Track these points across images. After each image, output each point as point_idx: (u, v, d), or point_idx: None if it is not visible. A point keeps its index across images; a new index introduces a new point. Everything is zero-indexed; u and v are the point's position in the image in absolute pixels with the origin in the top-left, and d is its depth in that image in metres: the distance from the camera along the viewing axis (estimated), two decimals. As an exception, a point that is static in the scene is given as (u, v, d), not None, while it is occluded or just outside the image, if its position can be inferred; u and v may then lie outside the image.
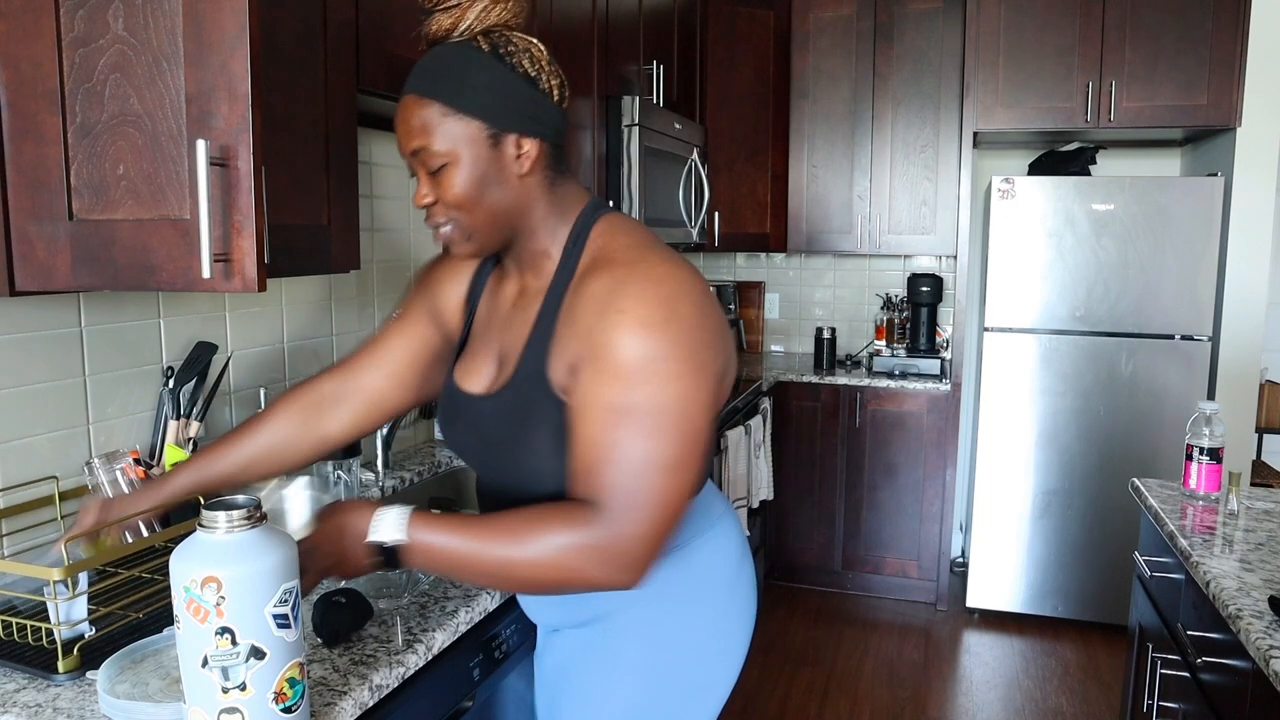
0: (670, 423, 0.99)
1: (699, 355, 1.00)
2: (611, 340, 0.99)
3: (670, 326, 0.99)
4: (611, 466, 0.99)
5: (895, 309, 4.14)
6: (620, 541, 0.99)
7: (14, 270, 1.14)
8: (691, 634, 1.21)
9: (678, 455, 1.00)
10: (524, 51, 1.08)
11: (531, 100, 1.07)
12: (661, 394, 0.98)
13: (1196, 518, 1.83)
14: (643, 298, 1.00)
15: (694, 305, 1.02)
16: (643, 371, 0.98)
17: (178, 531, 1.30)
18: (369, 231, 2.15)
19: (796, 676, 3.19)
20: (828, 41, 3.86)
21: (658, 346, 0.98)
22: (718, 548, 1.23)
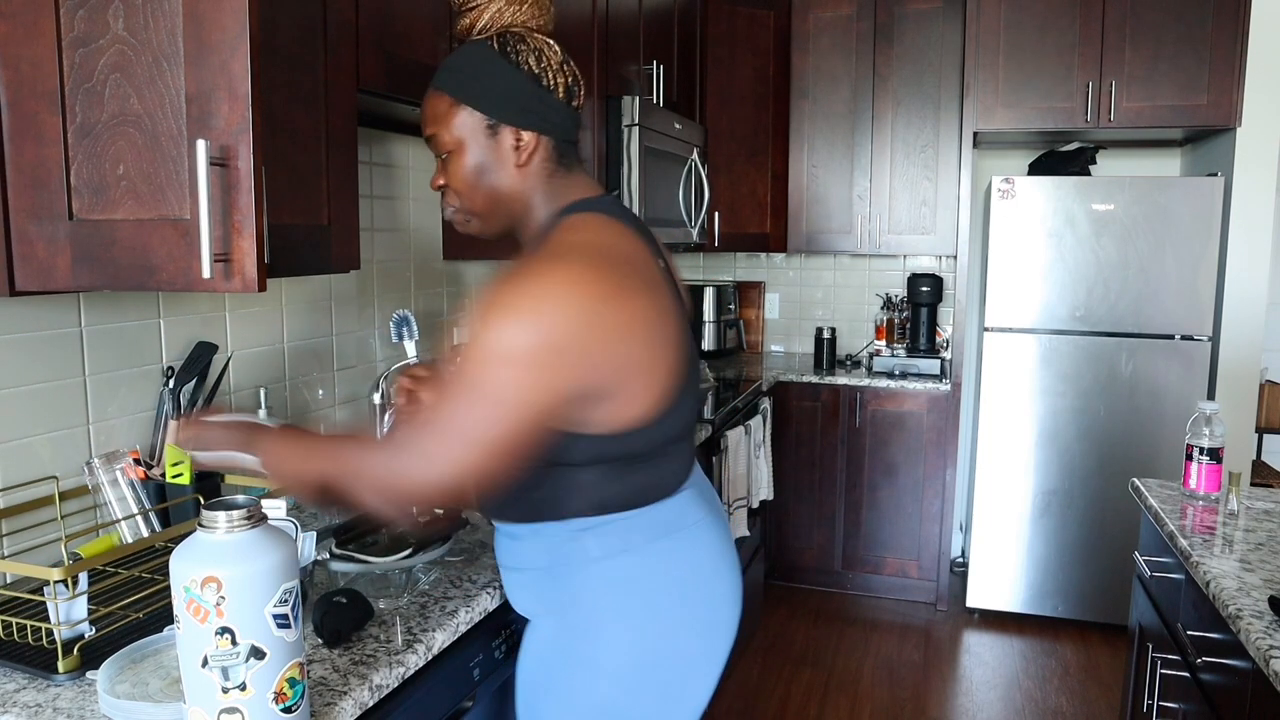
0: (486, 402, 1.02)
1: (541, 355, 1.02)
2: (478, 322, 1.05)
3: (517, 317, 1.02)
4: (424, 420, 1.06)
5: (895, 309, 4.14)
6: (393, 475, 1.05)
7: (14, 270, 1.14)
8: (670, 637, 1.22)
9: (481, 433, 1.03)
10: (533, 51, 1.17)
11: (533, 96, 1.16)
12: (488, 373, 1.02)
13: (1196, 518, 1.83)
14: (519, 290, 1.04)
15: (562, 310, 1.03)
16: (482, 351, 1.03)
17: (178, 531, 1.30)
18: (369, 231, 2.15)
19: (796, 676, 3.19)
20: (828, 41, 3.86)
21: (502, 333, 1.02)
22: (692, 551, 1.23)
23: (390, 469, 1.06)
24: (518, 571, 1.27)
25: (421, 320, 2.38)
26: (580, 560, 1.20)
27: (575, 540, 1.20)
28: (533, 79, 1.16)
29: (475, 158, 1.19)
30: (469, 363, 1.04)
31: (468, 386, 1.03)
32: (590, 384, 1.07)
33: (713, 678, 1.28)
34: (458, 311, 2.56)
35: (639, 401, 1.12)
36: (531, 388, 1.03)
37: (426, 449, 1.05)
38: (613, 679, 1.21)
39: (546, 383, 1.03)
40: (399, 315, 2.23)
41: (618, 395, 1.10)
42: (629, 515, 1.19)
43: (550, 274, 1.05)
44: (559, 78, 1.18)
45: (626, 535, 1.19)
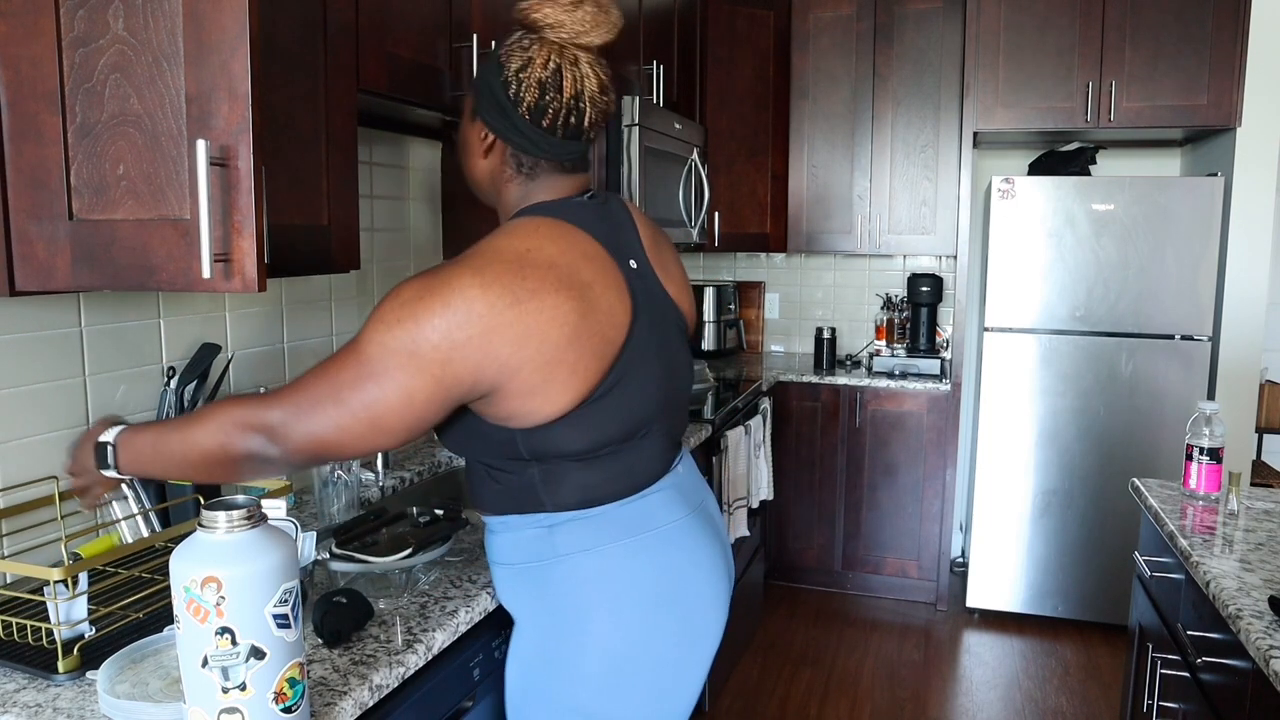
0: (366, 378, 1.06)
1: (419, 347, 1.05)
2: (380, 302, 1.10)
3: (410, 309, 1.06)
4: (305, 374, 1.10)
5: (895, 309, 4.14)
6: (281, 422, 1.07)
7: (14, 270, 1.14)
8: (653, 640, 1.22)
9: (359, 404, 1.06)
10: (523, 60, 1.18)
11: (495, 98, 1.20)
12: (371, 349, 1.06)
13: (1196, 518, 1.83)
14: (415, 283, 1.09)
15: (445, 308, 1.06)
16: (373, 330, 1.07)
17: (178, 531, 1.30)
18: (369, 231, 2.15)
19: (796, 676, 3.19)
20: (828, 41, 3.86)
21: (390, 316, 1.07)
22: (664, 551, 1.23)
23: (267, 411, 1.07)
24: (498, 566, 1.29)
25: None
26: (550, 557, 1.21)
27: (544, 537, 1.21)
28: (502, 86, 1.19)
29: (462, 134, 1.30)
30: (360, 339, 1.07)
31: (353, 358, 1.07)
32: (478, 380, 1.09)
33: (696, 681, 1.28)
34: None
35: (551, 397, 1.12)
36: (415, 375, 1.06)
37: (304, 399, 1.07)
38: (592, 682, 1.21)
39: (429, 374, 1.06)
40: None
41: (521, 392, 1.11)
42: (592, 512, 1.20)
43: (451, 274, 1.08)
44: (529, 93, 1.17)
45: (592, 532, 1.20)
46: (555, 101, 1.18)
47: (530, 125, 1.19)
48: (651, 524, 1.23)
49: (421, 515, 1.55)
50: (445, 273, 1.09)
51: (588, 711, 1.22)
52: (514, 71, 1.17)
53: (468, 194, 2.49)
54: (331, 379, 1.07)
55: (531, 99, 1.17)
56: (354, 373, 1.06)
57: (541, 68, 1.17)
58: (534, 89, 1.17)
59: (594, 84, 1.19)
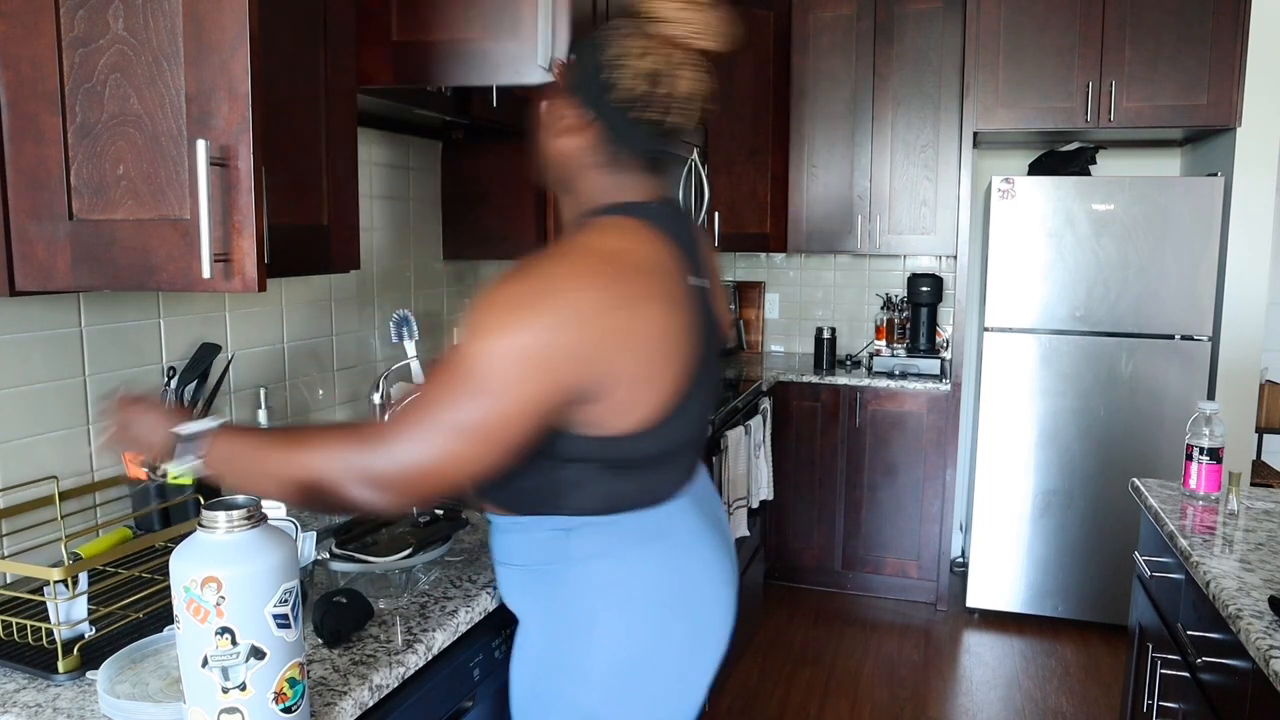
0: (478, 392, 1.01)
1: (533, 355, 1.01)
2: (480, 307, 1.03)
3: (520, 314, 1.02)
4: (411, 403, 1.04)
5: (895, 309, 4.14)
6: (379, 463, 1.02)
7: (14, 270, 1.14)
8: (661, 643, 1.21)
9: (472, 423, 1.01)
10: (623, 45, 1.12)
11: (589, 79, 1.14)
12: (483, 366, 1.01)
13: (1196, 518, 1.83)
14: (523, 282, 1.04)
15: (557, 312, 1.02)
16: (479, 342, 1.02)
17: (178, 531, 1.30)
18: (369, 231, 2.15)
19: (796, 676, 3.19)
20: (828, 41, 3.86)
21: (501, 321, 1.02)
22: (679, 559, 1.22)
23: (377, 458, 1.02)
24: (505, 566, 1.26)
25: (421, 320, 2.38)
26: (563, 560, 1.18)
27: (559, 540, 1.18)
28: (598, 67, 1.13)
29: (545, 111, 1.22)
30: (465, 353, 1.02)
31: (461, 375, 1.01)
32: (582, 386, 1.05)
33: (701, 688, 1.27)
34: (458, 311, 2.56)
35: (634, 410, 1.10)
36: (527, 384, 1.01)
37: (414, 436, 1.02)
38: (600, 687, 1.19)
39: (540, 380, 1.02)
40: (399, 315, 2.23)
41: (609, 401, 1.08)
42: (614, 519, 1.18)
43: (555, 274, 1.05)
44: (626, 80, 1.12)
45: (610, 538, 1.18)
46: (646, 95, 1.13)
47: (617, 112, 1.14)
48: (667, 533, 1.21)
49: (421, 515, 1.55)
50: (546, 274, 1.04)
51: (594, 715, 1.21)
52: (611, 56, 1.12)
53: (468, 194, 2.49)
54: (434, 401, 1.02)
55: (632, 88, 1.12)
56: (459, 390, 1.01)
57: (638, 58, 1.12)
58: (628, 77, 1.12)
59: (687, 87, 1.14)
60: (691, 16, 1.12)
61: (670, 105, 1.14)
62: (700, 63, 1.15)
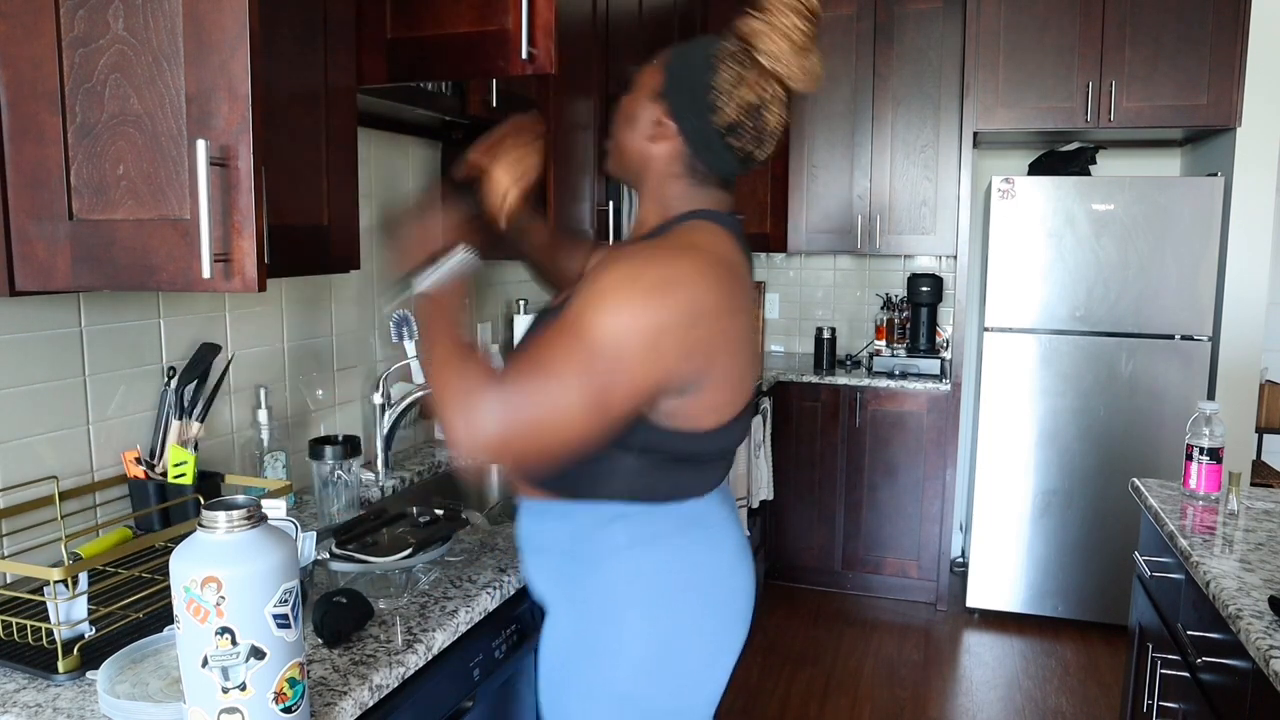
0: (599, 363, 1.03)
1: (662, 338, 1.04)
2: (602, 276, 1.06)
3: (652, 294, 1.05)
4: (529, 360, 1.06)
5: (895, 309, 4.14)
6: (483, 414, 1.03)
7: (14, 270, 1.14)
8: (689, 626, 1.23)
9: (585, 390, 1.03)
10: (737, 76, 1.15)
11: (696, 99, 1.17)
12: (604, 335, 1.03)
13: (1196, 518, 1.83)
14: (649, 260, 1.08)
15: (690, 303, 1.06)
16: (604, 309, 1.04)
17: (178, 531, 1.30)
18: (369, 231, 2.16)
19: (796, 676, 3.19)
20: (828, 41, 3.86)
21: (630, 299, 1.04)
22: (715, 546, 1.25)
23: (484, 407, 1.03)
24: (540, 554, 1.27)
25: (421, 320, 2.37)
26: (607, 548, 1.20)
27: (604, 527, 1.20)
28: (707, 88, 1.16)
29: (632, 107, 1.24)
30: (590, 323, 1.03)
31: (586, 344, 1.03)
32: (685, 379, 1.09)
33: (728, 668, 1.30)
34: (458, 311, 2.56)
35: (717, 410, 1.15)
36: (642, 364, 1.04)
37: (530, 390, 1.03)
38: (633, 668, 1.22)
39: (655, 364, 1.05)
40: (399, 315, 2.23)
41: (701, 397, 1.12)
42: (660, 507, 1.21)
43: (680, 267, 1.09)
44: (731, 110, 1.16)
45: (655, 525, 1.21)
46: (751, 127, 1.17)
47: (718, 138, 1.18)
48: (704, 522, 1.25)
49: (421, 515, 1.55)
50: (671, 265, 1.08)
51: (626, 696, 1.22)
52: (724, 83, 1.15)
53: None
54: (556, 365, 1.04)
55: (732, 116, 1.16)
56: (586, 359, 1.03)
57: (753, 90, 1.16)
58: (737, 108, 1.16)
59: (775, 122, 1.19)
60: (800, 61, 1.16)
61: (761, 137, 1.19)
62: (786, 100, 1.20)
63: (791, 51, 1.15)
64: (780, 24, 1.14)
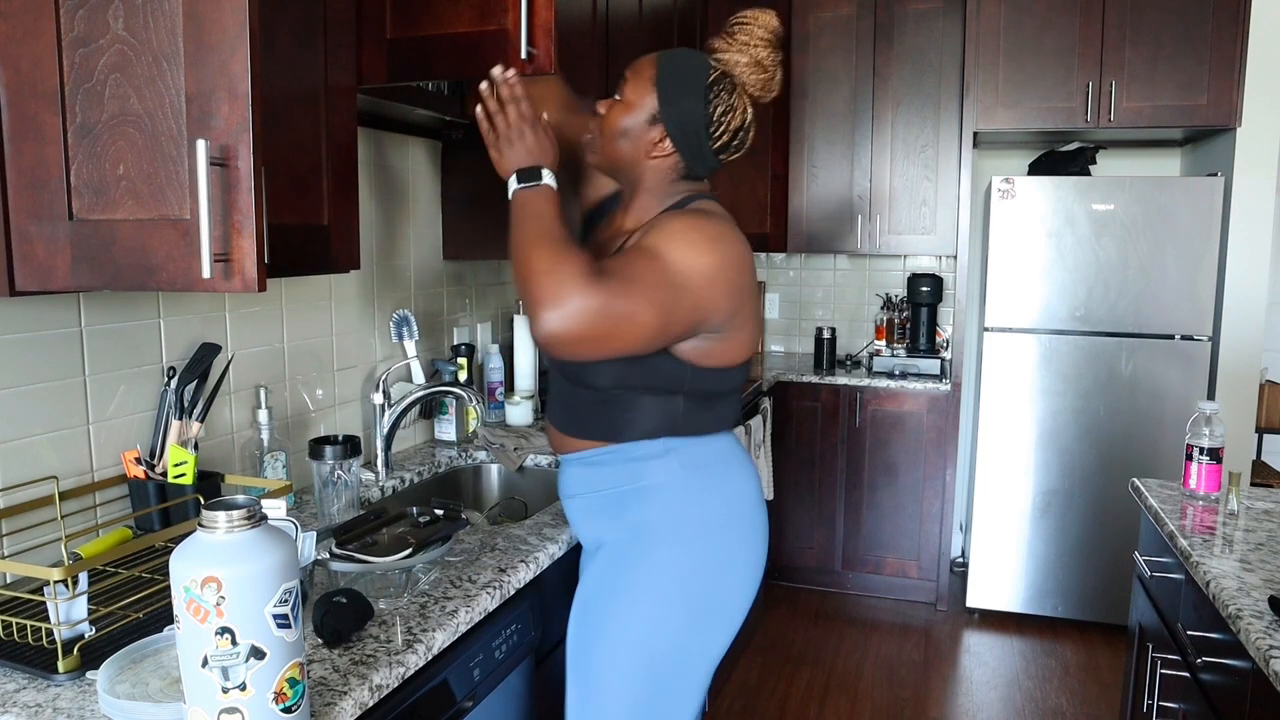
0: (671, 281, 1.24)
1: (723, 273, 1.29)
2: (667, 224, 1.30)
3: (713, 242, 1.29)
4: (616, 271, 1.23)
5: (895, 309, 4.14)
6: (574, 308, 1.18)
7: (14, 270, 1.14)
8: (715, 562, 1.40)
9: (654, 307, 1.23)
10: (729, 106, 1.37)
11: (696, 128, 1.37)
12: (679, 263, 1.25)
13: (1196, 518, 1.83)
14: (700, 221, 1.32)
15: (735, 254, 1.31)
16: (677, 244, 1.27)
17: (178, 531, 1.30)
18: (369, 231, 2.15)
19: (796, 676, 3.19)
20: (828, 41, 3.86)
21: (697, 242, 1.28)
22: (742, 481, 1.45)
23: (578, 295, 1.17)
24: (586, 496, 1.45)
25: (421, 320, 2.38)
26: (646, 483, 1.39)
27: (642, 464, 1.39)
28: (706, 119, 1.36)
29: (628, 122, 1.40)
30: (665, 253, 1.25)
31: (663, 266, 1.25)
32: (726, 317, 1.32)
33: (746, 608, 1.46)
34: (458, 312, 2.56)
35: (742, 348, 1.39)
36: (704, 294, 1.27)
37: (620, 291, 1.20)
38: (658, 597, 1.37)
39: (712, 298, 1.28)
40: (399, 315, 2.23)
41: (732, 337, 1.36)
42: (695, 440, 1.41)
43: (720, 227, 1.33)
44: (725, 135, 1.38)
45: (691, 457, 1.40)
46: (738, 144, 1.41)
47: (713, 156, 1.40)
48: (736, 457, 1.47)
49: (421, 515, 1.55)
50: (714, 224, 1.32)
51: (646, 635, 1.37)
52: (719, 114, 1.37)
53: (468, 194, 2.49)
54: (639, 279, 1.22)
55: (725, 140, 1.39)
56: (663, 279, 1.24)
57: (740, 116, 1.38)
58: (730, 133, 1.39)
59: (755, 134, 1.44)
60: (768, 81, 1.39)
61: (742, 148, 1.43)
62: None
63: (764, 80, 1.38)
64: (754, 55, 1.36)
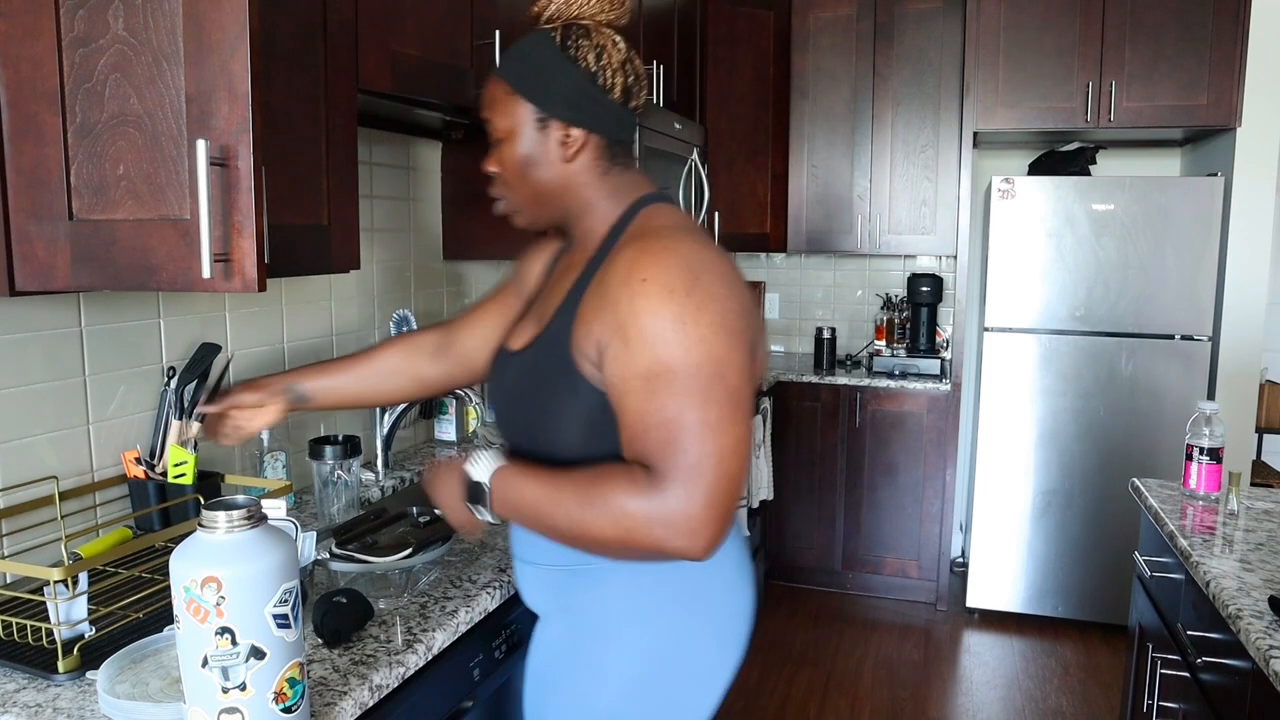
0: (706, 383, 1.00)
1: (727, 320, 1.02)
2: (637, 308, 1.02)
3: (694, 292, 1.01)
4: (658, 432, 1.01)
5: (895, 309, 4.14)
6: (681, 507, 0.99)
7: (14, 270, 1.14)
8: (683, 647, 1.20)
9: (720, 414, 1.00)
10: (595, 47, 1.14)
11: (586, 94, 1.14)
12: (693, 355, 1.00)
13: (1196, 518, 1.83)
14: (665, 265, 1.03)
15: (717, 277, 1.04)
16: (672, 336, 1.00)
17: (178, 531, 1.30)
18: (369, 231, 2.15)
19: (796, 676, 3.19)
20: (828, 41, 3.86)
21: (683, 310, 1.01)
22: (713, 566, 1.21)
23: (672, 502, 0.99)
24: (534, 566, 1.25)
25: (421, 320, 2.38)
26: (607, 566, 1.18)
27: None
28: (588, 76, 1.13)
29: (524, 148, 1.16)
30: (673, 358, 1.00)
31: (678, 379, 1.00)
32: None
33: (721, 691, 1.26)
34: (458, 311, 2.56)
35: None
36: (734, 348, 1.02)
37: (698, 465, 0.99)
38: (621, 684, 1.19)
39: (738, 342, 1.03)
40: (399, 315, 2.23)
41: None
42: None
43: (689, 252, 1.05)
44: (618, 77, 1.15)
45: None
46: (634, 81, 1.18)
47: (622, 108, 1.17)
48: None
49: (421, 515, 1.55)
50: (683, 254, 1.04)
51: (611, 712, 1.19)
52: (593, 61, 1.14)
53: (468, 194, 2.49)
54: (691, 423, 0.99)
55: (621, 82, 1.16)
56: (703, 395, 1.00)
57: (614, 51, 1.16)
58: (619, 72, 1.15)
59: (638, 61, 1.20)
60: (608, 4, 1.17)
61: (642, 81, 1.19)
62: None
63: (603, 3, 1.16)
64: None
